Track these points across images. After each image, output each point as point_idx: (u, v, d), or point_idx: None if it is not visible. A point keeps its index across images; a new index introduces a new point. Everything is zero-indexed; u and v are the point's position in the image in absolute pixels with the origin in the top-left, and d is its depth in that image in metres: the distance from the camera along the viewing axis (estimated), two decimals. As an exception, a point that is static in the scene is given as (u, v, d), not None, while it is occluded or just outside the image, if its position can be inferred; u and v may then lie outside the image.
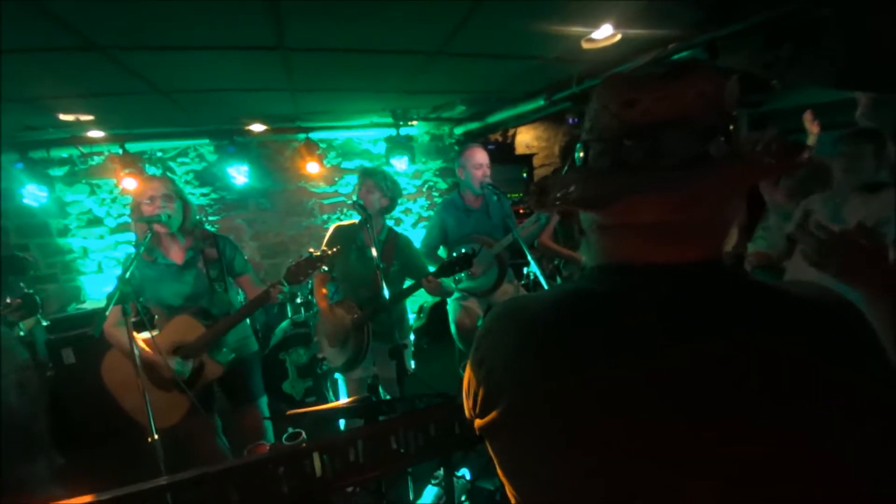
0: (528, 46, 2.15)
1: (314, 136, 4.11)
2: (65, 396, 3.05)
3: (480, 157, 2.63)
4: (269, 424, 2.21)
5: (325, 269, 1.92)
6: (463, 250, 2.04)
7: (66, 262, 4.10)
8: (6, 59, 1.73)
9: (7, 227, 3.87)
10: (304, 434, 1.49)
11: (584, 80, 2.71)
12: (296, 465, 1.24)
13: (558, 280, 3.30)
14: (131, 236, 3.97)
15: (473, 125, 4.22)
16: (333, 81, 2.64)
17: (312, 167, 3.98)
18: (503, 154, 4.69)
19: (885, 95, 2.32)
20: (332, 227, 2.42)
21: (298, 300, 3.66)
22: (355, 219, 2.41)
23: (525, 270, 2.38)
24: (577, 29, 1.92)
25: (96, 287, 4.11)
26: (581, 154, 0.57)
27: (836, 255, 0.82)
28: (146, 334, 1.85)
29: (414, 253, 2.43)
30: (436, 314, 4.25)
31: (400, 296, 2.17)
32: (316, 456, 1.26)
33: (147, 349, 1.84)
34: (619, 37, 1.96)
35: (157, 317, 2.05)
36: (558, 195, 0.55)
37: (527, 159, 4.86)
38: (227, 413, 2.19)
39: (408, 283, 2.28)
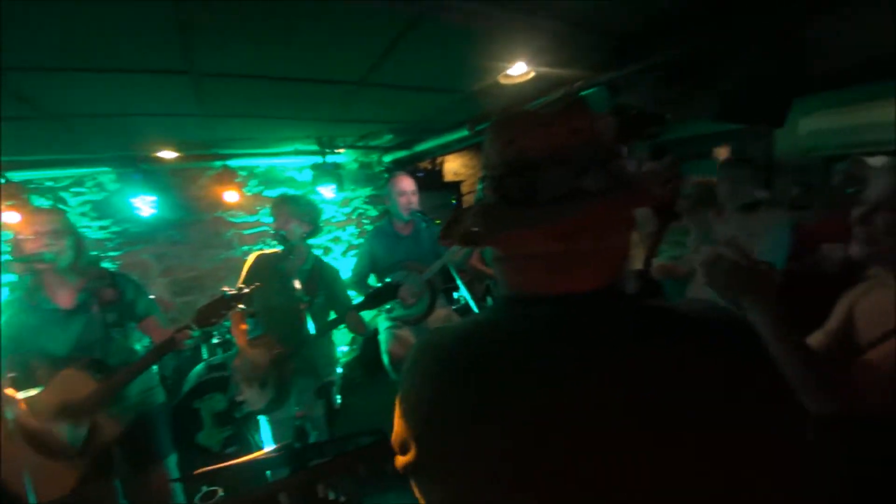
0: (449, 80, 2.23)
1: (232, 163, 3.90)
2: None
3: (405, 184, 2.64)
4: (179, 485, 1.97)
5: (242, 307, 1.77)
6: (388, 280, 2.02)
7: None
8: None
9: None
10: (220, 492, 1.34)
11: (504, 113, 2.85)
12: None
13: (489, 301, 3.36)
14: (11, 277, 3.44)
15: (402, 153, 4.25)
16: (251, 108, 2.54)
17: (231, 196, 3.74)
18: (432, 181, 4.78)
19: (758, 128, 2.69)
20: (251, 257, 2.27)
21: (215, 340, 3.37)
22: (279, 247, 2.29)
23: (455, 295, 2.39)
24: (494, 65, 2.02)
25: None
26: (479, 189, 0.60)
27: (718, 272, 0.91)
28: (25, 393, 1.58)
29: (339, 284, 2.36)
30: (370, 345, 4.11)
31: (323, 330, 2.07)
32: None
33: (26, 413, 1.57)
34: (532, 74, 2.09)
35: (39, 371, 1.77)
36: (458, 229, 0.57)
37: (455, 186, 4.99)
38: (128, 476, 1.91)
39: (333, 315, 2.19)
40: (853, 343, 0.96)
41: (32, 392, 1.62)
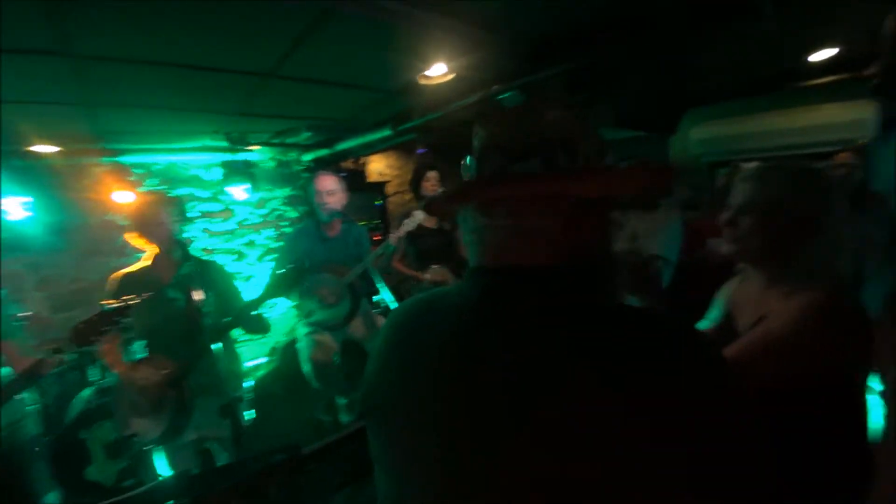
0: (366, 77, 2.17)
1: (125, 159, 3.49)
2: None
3: (324, 184, 2.54)
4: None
5: (128, 319, 1.57)
6: (290, 266, 1.80)
7: None
8: None
9: None
10: None
11: (426, 113, 2.84)
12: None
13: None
14: None
15: (322, 152, 4.08)
16: (144, 98, 2.28)
17: (123, 196, 3.33)
18: (355, 182, 4.64)
19: (652, 135, 2.95)
20: (111, 280, 1.95)
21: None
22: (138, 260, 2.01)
23: (375, 298, 2.34)
24: (412, 64, 2.00)
25: None
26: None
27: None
28: None
29: (226, 281, 2.11)
30: (290, 354, 3.90)
31: (217, 335, 1.80)
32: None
33: None
34: (451, 75, 2.10)
35: None
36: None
37: (380, 187, 4.90)
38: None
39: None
40: (731, 330, 1.08)
41: None
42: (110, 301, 1.57)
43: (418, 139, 3.51)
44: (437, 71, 2.06)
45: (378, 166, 5.15)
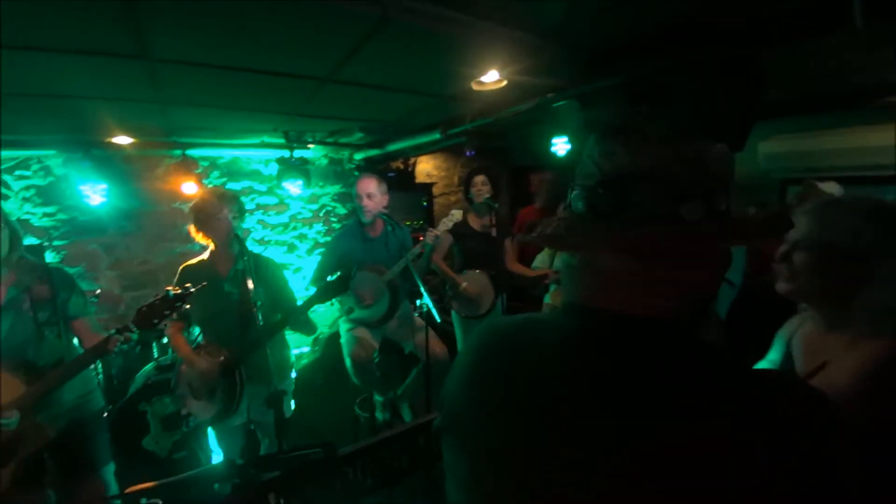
0: (420, 83, 2.18)
1: (193, 152, 3.72)
2: None
3: (365, 186, 2.58)
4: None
5: (187, 307, 1.67)
6: (338, 273, 1.88)
7: None
8: None
9: None
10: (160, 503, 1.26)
11: (476, 119, 2.83)
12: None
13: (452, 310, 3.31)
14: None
15: (373, 152, 4.18)
16: (212, 98, 2.41)
17: (189, 187, 3.57)
18: (404, 182, 4.71)
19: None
20: (179, 270, 2.11)
21: (166, 339, 3.20)
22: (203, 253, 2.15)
23: (418, 302, 2.35)
24: (466, 71, 1.99)
25: None
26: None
27: None
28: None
29: (279, 278, 2.20)
30: (331, 347, 4.03)
31: (267, 333, 1.90)
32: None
33: None
34: (504, 82, 2.08)
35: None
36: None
37: (427, 188, 4.94)
38: (61, 486, 1.78)
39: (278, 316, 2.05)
40: (792, 373, 0.99)
41: None
42: (174, 288, 1.68)
43: (467, 142, 3.50)
44: (491, 77, 2.04)
45: (426, 167, 5.20)
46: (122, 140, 3.34)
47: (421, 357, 2.58)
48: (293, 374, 2.38)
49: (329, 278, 1.86)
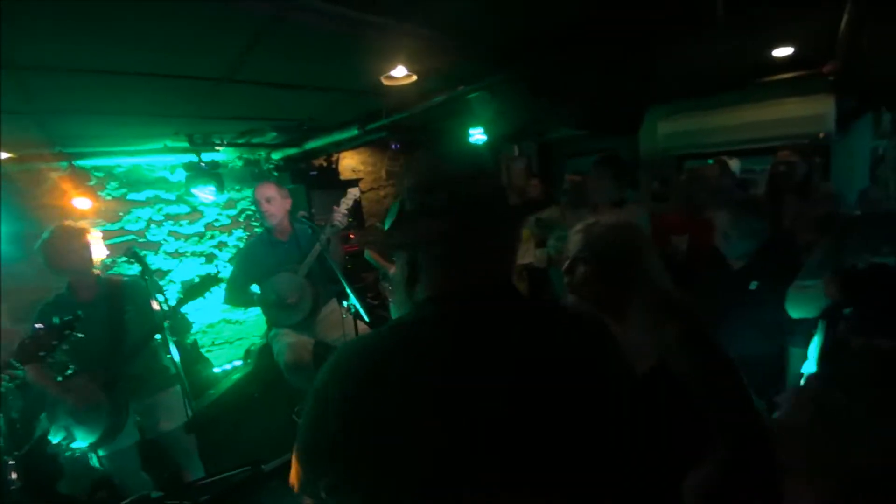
0: (327, 80, 2.12)
1: (84, 162, 3.35)
2: None
3: (263, 192, 2.51)
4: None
5: (70, 334, 1.62)
6: (212, 272, 2.12)
7: None
8: None
9: None
10: None
11: (392, 113, 2.81)
12: None
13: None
14: None
15: (291, 150, 4.00)
16: (96, 105, 2.19)
17: (82, 202, 3.21)
18: (328, 179, 4.55)
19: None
20: (38, 310, 2.13)
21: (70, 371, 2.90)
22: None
23: (345, 303, 2.32)
24: (373, 67, 1.96)
25: None
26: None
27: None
28: None
29: (143, 297, 2.22)
30: (265, 358, 3.86)
31: (140, 344, 2.05)
32: None
33: None
34: (413, 77, 2.07)
35: None
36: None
37: (353, 184, 4.80)
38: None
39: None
40: None
41: None
42: (40, 324, 1.63)
43: (391, 136, 3.46)
44: (399, 73, 2.03)
45: (351, 163, 5.08)
46: (-3, 155, 2.93)
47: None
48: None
49: (191, 282, 2.05)
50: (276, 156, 4.22)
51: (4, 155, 2.97)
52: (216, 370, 3.98)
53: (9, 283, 3.40)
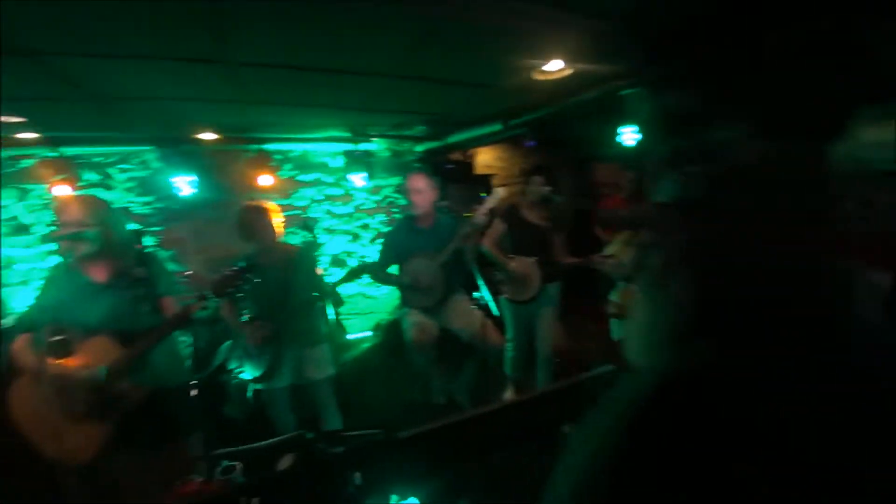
0: (482, 75, 2.18)
1: (269, 146, 3.98)
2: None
3: (416, 183, 2.67)
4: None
5: (252, 278, 1.94)
6: (363, 261, 2.35)
7: (-16, 273, 3.74)
8: None
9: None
10: (239, 467, 1.40)
11: (539, 108, 2.78)
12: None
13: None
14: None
15: (434, 144, 4.23)
16: (286, 96, 2.58)
17: (265, 179, 3.83)
18: (462, 173, 4.71)
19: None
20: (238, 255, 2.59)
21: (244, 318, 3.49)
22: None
23: (476, 295, 2.38)
24: (529, 61, 1.96)
25: (23, 300, 3.75)
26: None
27: None
28: (61, 358, 1.70)
29: (313, 266, 2.64)
30: (393, 332, 4.17)
31: (306, 306, 2.49)
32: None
33: (60, 377, 1.69)
34: (569, 71, 2.02)
35: (72, 338, 1.88)
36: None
37: (485, 179, 4.91)
38: (149, 447, 2.01)
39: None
40: None
41: (67, 357, 1.75)
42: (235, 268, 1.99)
43: (528, 133, 3.44)
44: (554, 66, 1.99)
45: (486, 158, 5.17)
46: (207, 136, 3.65)
47: (478, 346, 2.62)
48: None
49: (351, 267, 2.29)
50: (418, 148, 4.49)
51: (212, 136, 3.68)
52: (349, 337, 4.42)
53: (205, 240, 4.24)
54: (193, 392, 2.17)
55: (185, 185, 3.68)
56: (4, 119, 2.68)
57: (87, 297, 1.82)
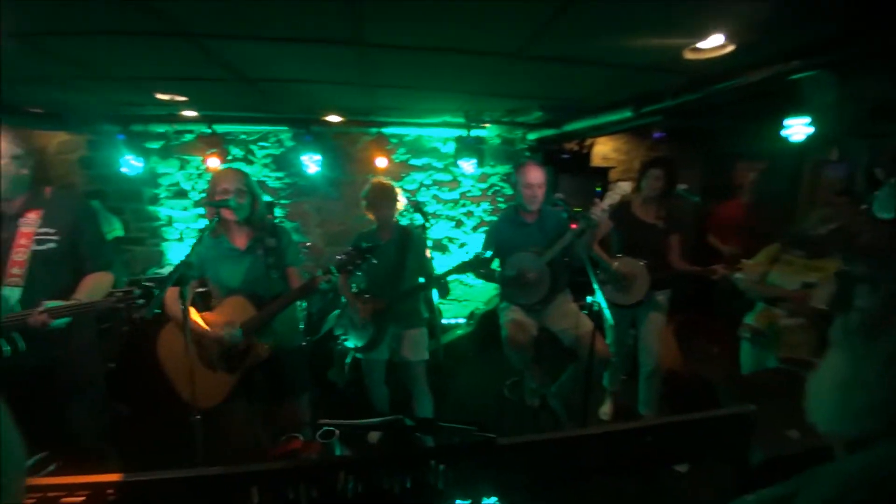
0: (619, 53, 1.94)
1: (386, 130, 4.13)
2: (133, 351, 3.23)
3: (532, 177, 2.48)
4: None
5: (370, 258, 1.99)
6: (488, 254, 2.37)
7: (153, 228, 4.47)
8: (109, 40, 1.85)
9: (107, 190, 4.29)
10: (337, 433, 1.47)
11: (680, 94, 2.44)
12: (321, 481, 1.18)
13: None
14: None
15: (548, 132, 4.01)
16: (408, 79, 2.60)
17: (381, 161, 3.99)
18: (577, 165, 4.40)
19: None
20: (356, 234, 2.71)
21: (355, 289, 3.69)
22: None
23: (589, 299, 2.15)
24: (680, 36, 1.70)
25: (177, 254, 4.44)
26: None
27: None
28: (201, 310, 1.93)
29: (424, 249, 2.66)
30: (488, 323, 4.11)
31: (412, 292, 2.57)
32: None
33: (201, 324, 1.92)
34: (730, 48, 1.71)
35: (213, 295, 2.13)
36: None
37: (602, 172, 4.52)
38: (267, 403, 2.20)
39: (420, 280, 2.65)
40: None
41: (207, 312, 2.01)
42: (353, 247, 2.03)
43: (659, 123, 3.07)
44: (712, 43, 1.70)
45: (604, 149, 4.80)
46: (333, 118, 3.89)
47: (580, 353, 2.43)
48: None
49: (469, 257, 2.33)
50: (531, 136, 4.30)
51: (337, 119, 3.91)
52: (443, 321, 4.48)
53: (327, 215, 4.56)
54: (306, 354, 2.34)
55: (312, 163, 3.99)
56: (172, 98, 3.13)
57: (229, 259, 2.04)
